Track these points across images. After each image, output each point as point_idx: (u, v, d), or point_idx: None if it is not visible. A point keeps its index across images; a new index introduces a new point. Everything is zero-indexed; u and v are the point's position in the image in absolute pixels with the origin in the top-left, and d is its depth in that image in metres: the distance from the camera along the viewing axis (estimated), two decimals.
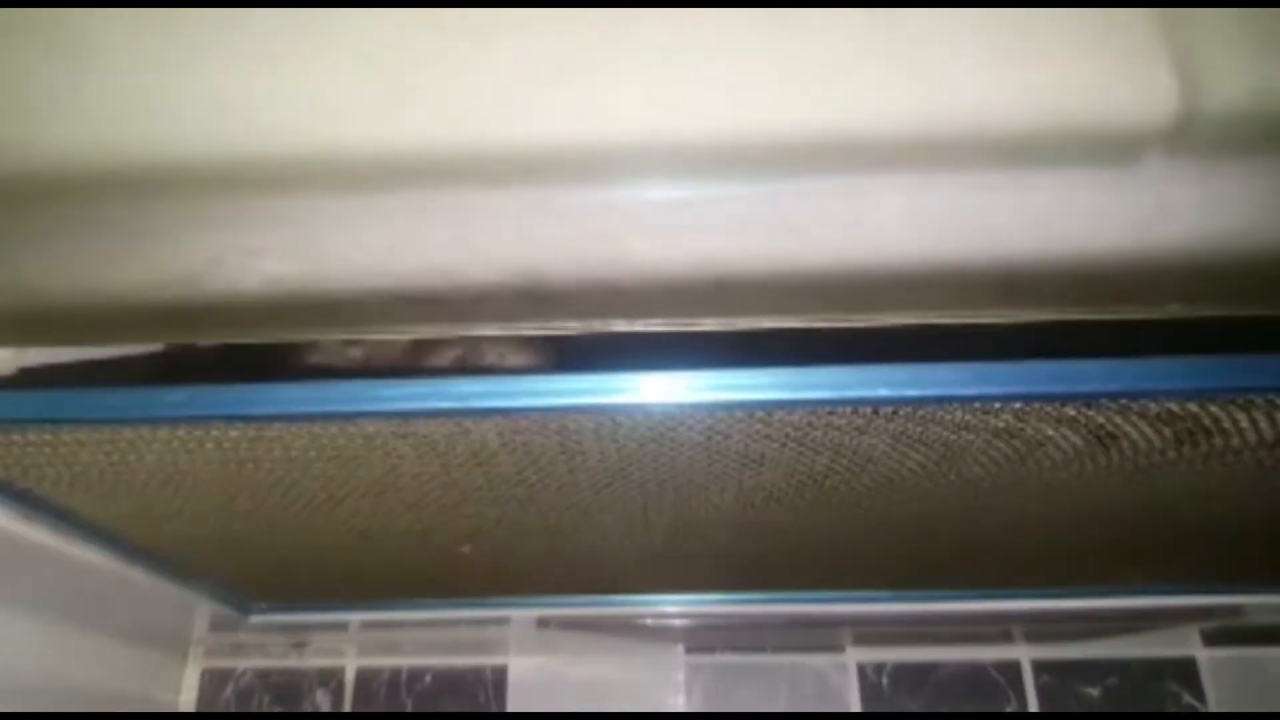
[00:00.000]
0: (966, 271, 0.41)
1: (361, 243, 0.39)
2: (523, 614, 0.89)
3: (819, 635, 1.03)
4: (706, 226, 0.41)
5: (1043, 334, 0.46)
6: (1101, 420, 0.46)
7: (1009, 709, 0.98)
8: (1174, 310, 0.45)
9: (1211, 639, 1.01)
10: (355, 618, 0.90)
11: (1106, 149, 0.36)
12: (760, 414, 0.44)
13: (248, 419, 0.40)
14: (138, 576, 0.71)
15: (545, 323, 0.46)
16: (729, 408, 0.43)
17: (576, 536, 0.64)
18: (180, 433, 0.41)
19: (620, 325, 0.46)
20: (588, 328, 0.47)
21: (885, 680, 1.00)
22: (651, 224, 0.41)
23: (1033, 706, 0.98)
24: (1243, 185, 0.37)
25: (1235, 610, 0.86)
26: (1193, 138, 0.35)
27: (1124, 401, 0.44)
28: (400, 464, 0.46)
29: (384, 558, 0.65)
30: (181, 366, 0.57)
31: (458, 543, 0.61)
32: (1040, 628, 1.02)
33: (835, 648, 1.03)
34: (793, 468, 0.51)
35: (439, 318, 0.43)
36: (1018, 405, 0.44)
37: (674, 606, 0.97)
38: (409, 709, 1.04)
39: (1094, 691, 0.99)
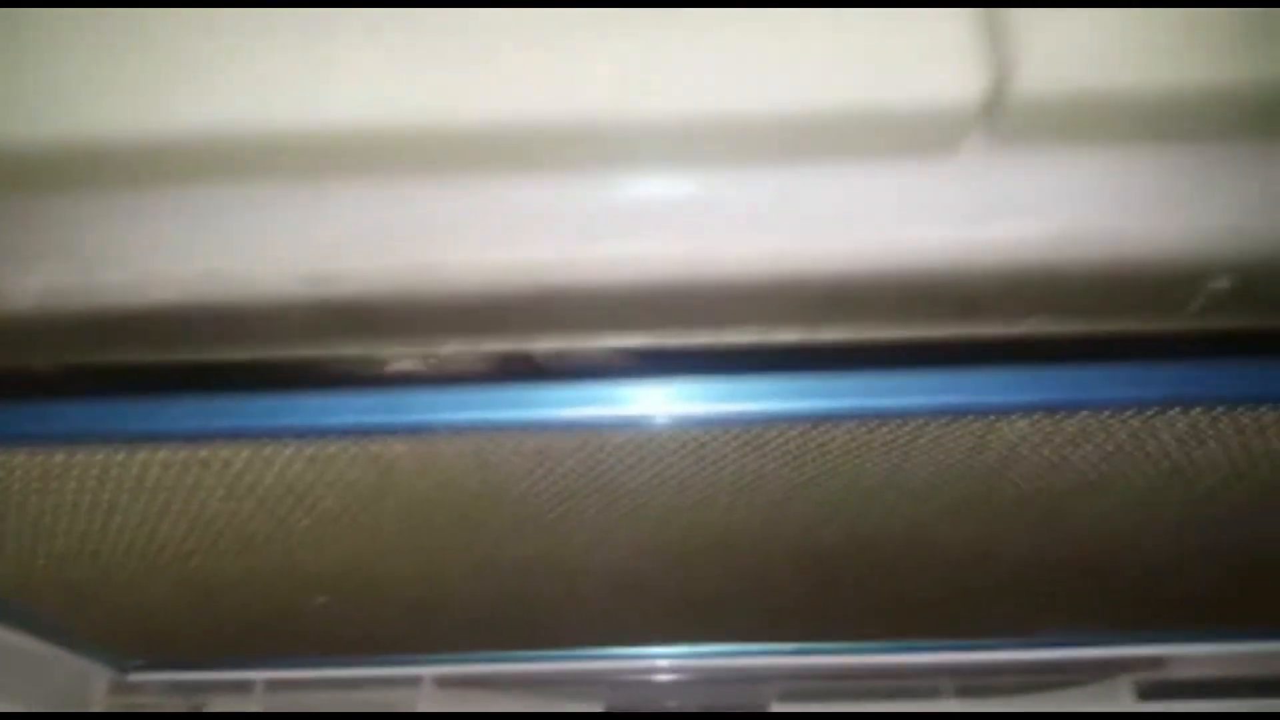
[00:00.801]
0: (796, 275, 0.39)
1: (135, 244, 0.36)
2: (425, 672, 0.85)
3: (744, 692, 0.99)
4: (508, 234, 0.39)
5: None
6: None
7: None
8: (1032, 324, 0.43)
9: (1146, 693, 0.98)
10: (238, 677, 0.86)
11: (921, 135, 0.34)
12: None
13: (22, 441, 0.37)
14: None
15: (365, 345, 0.43)
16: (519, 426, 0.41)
17: (448, 583, 0.60)
18: None
19: (452, 347, 0.44)
20: (420, 350, 0.44)
21: None
22: (458, 226, 0.38)
23: None
24: (1071, 177, 0.36)
25: (1158, 662, 0.83)
26: (1010, 124, 0.33)
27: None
28: (209, 498, 0.43)
29: (238, 611, 0.62)
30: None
31: (312, 593, 0.58)
32: (970, 682, 0.98)
33: (759, 704, 0.98)
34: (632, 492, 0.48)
35: (238, 336, 0.41)
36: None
37: (589, 663, 0.93)
38: None
39: None
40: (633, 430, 0.43)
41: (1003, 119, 0.33)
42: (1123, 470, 0.49)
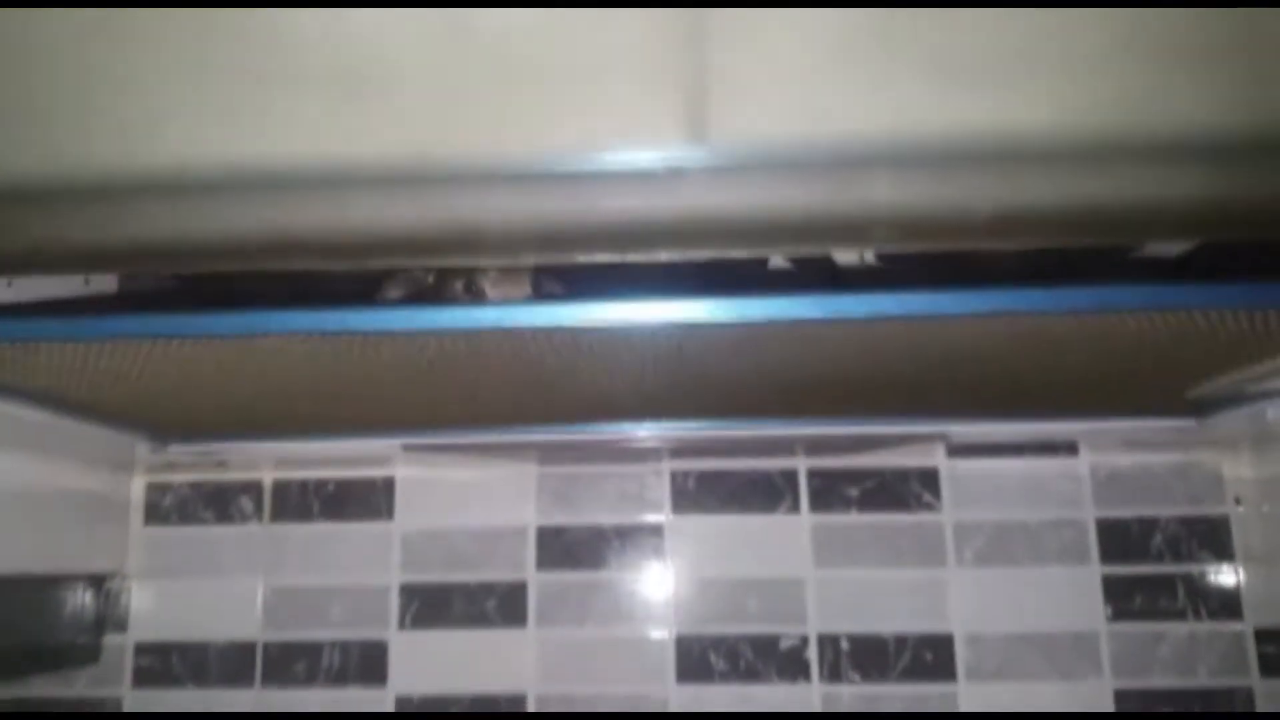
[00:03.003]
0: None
1: None
2: (395, 442, 1.13)
3: (642, 452, 1.29)
4: None
5: None
6: None
7: (785, 503, 1.26)
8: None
9: (953, 452, 1.28)
10: (251, 447, 1.13)
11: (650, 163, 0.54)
12: None
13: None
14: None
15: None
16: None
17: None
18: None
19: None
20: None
21: (691, 484, 1.27)
22: None
23: (804, 503, 1.26)
24: (753, 186, 0.56)
25: (943, 435, 1.12)
26: (707, 158, 0.54)
27: None
28: (243, 360, 0.67)
29: (253, 401, 0.87)
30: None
31: (313, 395, 0.83)
32: (816, 444, 1.28)
33: (654, 459, 1.29)
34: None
35: None
36: None
37: (524, 436, 1.21)
38: (316, 511, 1.30)
39: (854, 491, 1.26)
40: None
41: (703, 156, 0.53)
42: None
